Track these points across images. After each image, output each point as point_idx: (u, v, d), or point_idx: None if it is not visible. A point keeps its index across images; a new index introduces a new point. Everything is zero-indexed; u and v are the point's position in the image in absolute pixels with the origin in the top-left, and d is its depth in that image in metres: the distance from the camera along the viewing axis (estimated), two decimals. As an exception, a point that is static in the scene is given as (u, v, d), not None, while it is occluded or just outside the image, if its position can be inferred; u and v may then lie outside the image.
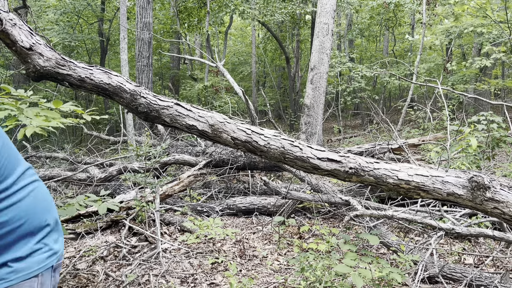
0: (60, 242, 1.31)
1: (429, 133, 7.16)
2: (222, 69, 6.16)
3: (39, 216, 1.22)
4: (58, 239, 1.30)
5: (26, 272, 1.18)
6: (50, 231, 1.27)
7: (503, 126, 4.75)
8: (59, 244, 1.30)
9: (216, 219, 3.33)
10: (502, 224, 3.11)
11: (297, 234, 3.79)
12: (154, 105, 2.14)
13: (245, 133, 2.11)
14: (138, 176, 4.06)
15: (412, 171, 1.94)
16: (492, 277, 2.52)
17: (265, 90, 19.51)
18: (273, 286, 2.74)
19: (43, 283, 1.22)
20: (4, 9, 1.95)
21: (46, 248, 1.24)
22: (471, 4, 6.86)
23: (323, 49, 7.62)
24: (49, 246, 1.25)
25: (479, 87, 10.10)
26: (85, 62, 2.16)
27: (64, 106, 2.22)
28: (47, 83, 10.79)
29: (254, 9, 12.31)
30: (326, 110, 11.94)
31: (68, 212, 2.58)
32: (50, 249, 1.25)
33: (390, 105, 17.19)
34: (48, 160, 6.63)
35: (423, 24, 10.06)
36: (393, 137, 5.30)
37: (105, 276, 2.86)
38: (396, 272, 2.22)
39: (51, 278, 1.25)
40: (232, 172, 5.06)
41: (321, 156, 2.03)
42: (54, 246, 1.27)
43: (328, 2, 7.56)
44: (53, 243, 1.27)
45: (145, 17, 9.33)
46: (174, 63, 16.54)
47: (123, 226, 3.74)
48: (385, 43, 18.11)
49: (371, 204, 3.72)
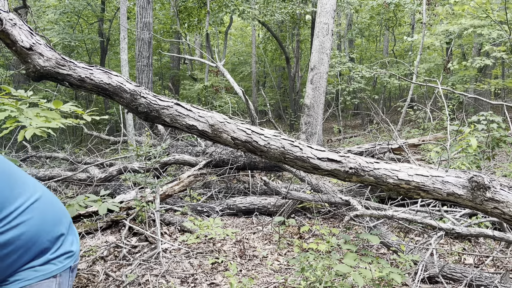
0: (76, 243, 1.32)
1: (429, 133, 7.16)
2: (222, 69, 6.16)
3: (51, 233, 1.22)
4: (73, 240, 1.31)
5: (45, 272, 1.18)
6: (65, 238, 1.27)
7: (503, 126, 4.75)
8: (75, 245, 1.31)
9: (216, 219, 3.33)
10: (502, 224, 3.11)
11: (297, 234, 3.79)
12: (154, 105, 2.13)
13: (245, 133, 2.11)
14: (138, 176, 4.06)
15: (412, 171, 1.94)
16: (492, 277, 2.52)
17: (265, 90, 19.51)
18: (273, 286, 2.74)
19: (61, 283, 1.22)
20: (4, 9, 1.95)
21: (63, 252, 1.25)
22: (471, 4, 6.86)
23: (323, 49, 7.62)
24: (66, 250, 1.26)
25: (479, 87, 10.09)
26: (85, 62, 2.16)
27: (64, 106, 2.22)
28: (47, 83, 10.79)
29: (254, 9, 12.31)
30: (326, 110, 11.94)
31: (68, 212, 2.57)
32: (67, 251, 1.26)
33: (390, 105, 17.19)
34: (48, 160, 6.62)
35: (423, 24, 10.06)
36: (393, 137, 5.30)
37: (105, 276, 2.86)
38: (396, 272, 2.23)
39: (69, 278, 1.26)
40: (232, 172, 5.06)
41: (321, 156, 2.03)
42: (71, 248, 1.28)
43: (328, 2, 7.56)
44: (70, 246, 1.28)
45: (145, 17, 9.33)
46: (174, 63, 16.53)
47: (123, 226, 3.74)
48: (385, 43, 18.11)
49: (371, 204, 3.72)
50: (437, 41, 10.35)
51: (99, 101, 15.05)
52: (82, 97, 14.19)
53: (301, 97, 13.42)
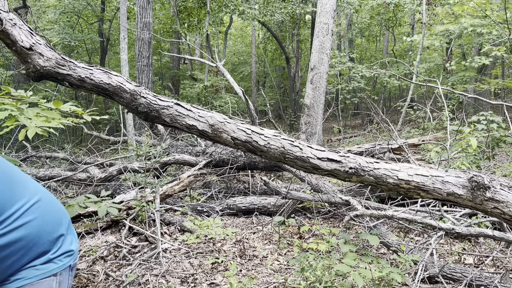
0: (75, 242, 1.34)
1: (429, 133, 7.16)
2: (222, 69, 6.16)
3: (51, 233, 1.24)
4: (72, 239, 1.33)
5: (46, 270, 1.19)
6: (64, 238, 1.29)
7: (503, 126, 4.75)
8: (74, 244, 1.33)
9: (216, 219, 3.33)
10: (502, 224, 3.11)
11: (297, 234, 3.79)
12: (154, 105, 2.14)
13: (245, 133, 2.11)
14: (138, 176, 4.06)
15: (412, 171, 1.94)
16: (492, 277, 2.52)
17: (265, 90, 19.52)
18: (273, 286, 2.74)
19: (61, 281, 1.24)
20: (4, 9, 1.96)
21: (63, 251, 1.26)
22: (470, 4, 6.85)
23: (323, 49, 7.62)
24: (65, 249, 1.27)
25: (479, 87, 10.09)
26: (85, 62, 2.16)
27: (64, 106, 2.22)
28: (47, 83, 10.79)
29: (254, 9, 12.31)
30: (326, 110, 11.94)
31: (68, 212, 2.57)
32: (66, 251, 1.27)
33: (390, 105, 17.18)
34: (48, 160, 6.62)
35: (423, 24, 10.06)
36: (393, 137, 5.30)
37: (105, 276, 2.86)
38: (396, 272, 2.23)
39: (69, 277, 1.28)
40: (232, 172, 5.06)
41: (321, 156, 2.03)
42: (70, 247, 1.30)
43: (328, 2, 7.56)
44: (69, 245, 1.30)
45: (145, 17, 9.33)
46: (174, 63, 16.53)
47: (123, 226, 3.74)
48: (385, 43, 18.11)
49: (371, 204, 3.72)
50: (436, 41, 10.34)
51: (99, 101, 15.05)
52: (82, 97, 14.19)
53: (301, 97, 13.42)
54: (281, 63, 19.18)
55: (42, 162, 6.61)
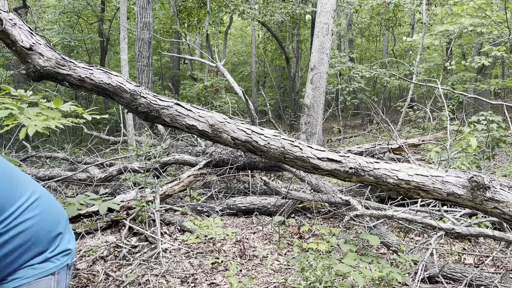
0: (72, 241, 1.35)
1: (429, 133, 7.16)
2: (222, 69, 6.16)
3: (50, 232, 1.24)
4: (70, 238, 1.34)
5: (44, 269, 1.20)
6: (62, 236, 1.29)
7: (503, 126, 4.75)
8: (71, 243, 1.33)
9: (216, 219, 3.33)
10: (502, 224, 3.11)
11: (297, 234, 3.79)
12: (154, 105, 2.14)
13: (245, 133, 2.11)
14: (138, 176, 4.06)
15: (412, 171, 1.94)
16: (492, 277, 2.52)
17: (265, 90, 19.52)
18: (273, 286, 2.74)
19: (59, 280, 1.25)
20: (4, 9, 1.96)
21: (61, 250, 1.27)
22: (470, 4, 6.85)
23: (323, 49, 7.62)
24: (63, 248, 1.28)
25: (479, 87, 10.10)
26: (85, 62, 2.16)
27: (64, 105, 2.22)
28: (47, 83, 10.78)
29: (254, 9, 12.31)
30: (326, 110, 11.94)
31: (68, 211, 2.58)
32: (64, 250, 1.28)
33: (390, 105, 17.18)
34: (48, 160, 6.62)
35: (423, 24, 10.06)
36: (393, 137, 5.30)
37: (105, 276, 2.86)
38: (396, 272, 2.23)
39: (66, 276, 1.29)
40: (232, 172, 5.06)
41: (321, 156, 2.03)
42: (68, 246, 1.30)
43: (328, 2, 7.56)
44: (67, 244, 1.31)
45: (145, 17, 9.33)
46: (174, 63, 16.54)
47: (123, 226, 3.74)
48: (385, 43, 18.11)
49: (371, 204, 3.72)
50: (436, 41, 10.34)
51: (99, 101, 15.05)
52: (82, 97, 14.19)
53: (301, 97, 13.42)
54: (281, 63, 19.18)
55: (42, 162, 6.61)
